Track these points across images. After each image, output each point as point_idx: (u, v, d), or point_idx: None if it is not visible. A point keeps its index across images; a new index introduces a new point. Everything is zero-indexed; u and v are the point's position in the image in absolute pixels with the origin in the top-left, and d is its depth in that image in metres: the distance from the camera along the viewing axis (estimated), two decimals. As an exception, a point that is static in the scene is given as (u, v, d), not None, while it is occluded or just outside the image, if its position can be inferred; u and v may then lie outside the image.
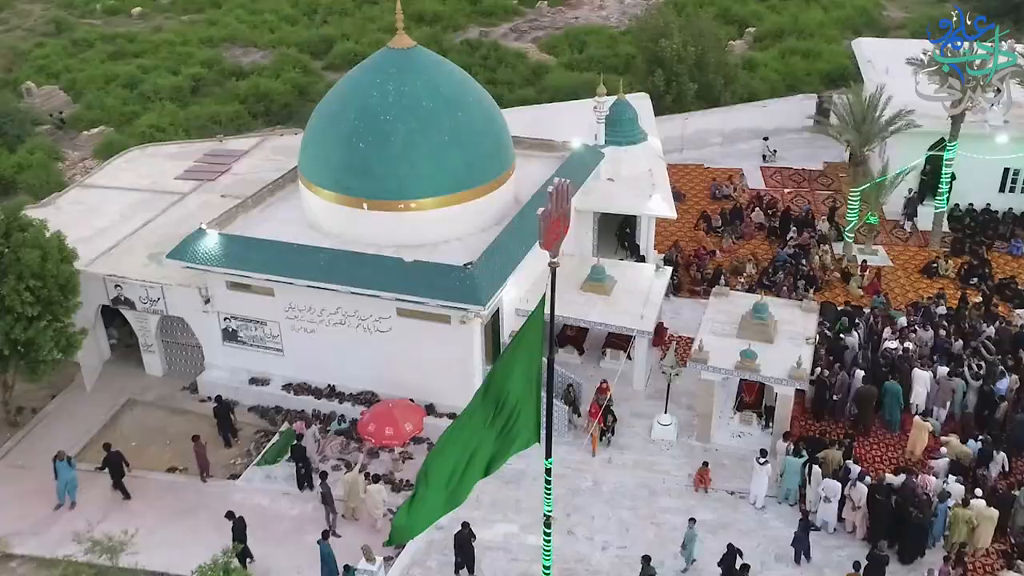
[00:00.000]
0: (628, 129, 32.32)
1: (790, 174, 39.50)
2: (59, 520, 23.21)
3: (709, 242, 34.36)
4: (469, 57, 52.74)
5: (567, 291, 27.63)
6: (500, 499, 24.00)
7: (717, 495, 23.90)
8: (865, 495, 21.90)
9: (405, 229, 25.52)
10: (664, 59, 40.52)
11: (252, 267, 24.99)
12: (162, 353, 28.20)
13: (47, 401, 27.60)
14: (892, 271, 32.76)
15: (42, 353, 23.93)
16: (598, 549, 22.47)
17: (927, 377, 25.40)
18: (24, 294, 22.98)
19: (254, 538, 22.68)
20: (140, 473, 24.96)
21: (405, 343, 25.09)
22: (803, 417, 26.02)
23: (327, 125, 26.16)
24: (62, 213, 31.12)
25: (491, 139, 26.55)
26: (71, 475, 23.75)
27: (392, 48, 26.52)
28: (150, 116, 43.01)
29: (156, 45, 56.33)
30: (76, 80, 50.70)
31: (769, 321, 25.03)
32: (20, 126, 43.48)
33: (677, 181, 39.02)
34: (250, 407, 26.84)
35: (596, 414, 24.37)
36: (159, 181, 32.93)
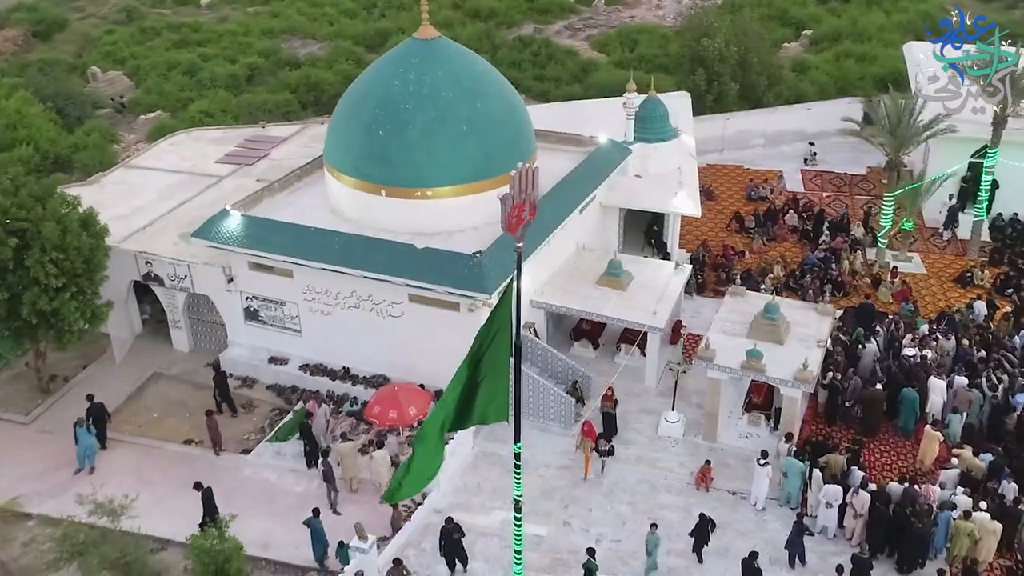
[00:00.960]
0: (658, 126, 32.26)
1: (831, 178, 38.89)
2: (77, 484, 24.13)
3: (739, 243, 34.05)
4: (520, 53, 53.08)
5: (583, 285, 27.82)
6: (501, 487, 24.20)
7: (718, 494, 23.76)
8: (868, 503, 21.54)
9: (422, 217, 25.91)
10: (706, 58, 40.22)
11: (271, 248, 25.68)
12: (189, 329, 29.11)
13: (79, 370, 28.72)
14: (925, 279, 32.06)
15: (67, 323, 24.89)
16: (592, 541, 22.46)
17: (943, 386, 24.87)
18: (48, 266, 23.95)
19: (258, 512, 23.44)
20: (157, 443, 25.92)
21: (416, 329, 25.49)
22: (815, 421, 25.71)
23: (350, 112, 26.73)
24: (104, 192, 32.41)
25: (511, 130, 26.78)
26: (90, 441, 24.75)
27: (416, 38, 26.89)
28: (202, 102, 44.25)
29: (219, 35, 57.82)
30: (140, 67, 52.37)
31: (780, 322, 24.78)
32: (81, 108, 45.19)
33: (714, 181, 38.82)
34: (268, 385, 27.58)
35: (590, 433, 23.73)
36: (199, 164, 33.99)
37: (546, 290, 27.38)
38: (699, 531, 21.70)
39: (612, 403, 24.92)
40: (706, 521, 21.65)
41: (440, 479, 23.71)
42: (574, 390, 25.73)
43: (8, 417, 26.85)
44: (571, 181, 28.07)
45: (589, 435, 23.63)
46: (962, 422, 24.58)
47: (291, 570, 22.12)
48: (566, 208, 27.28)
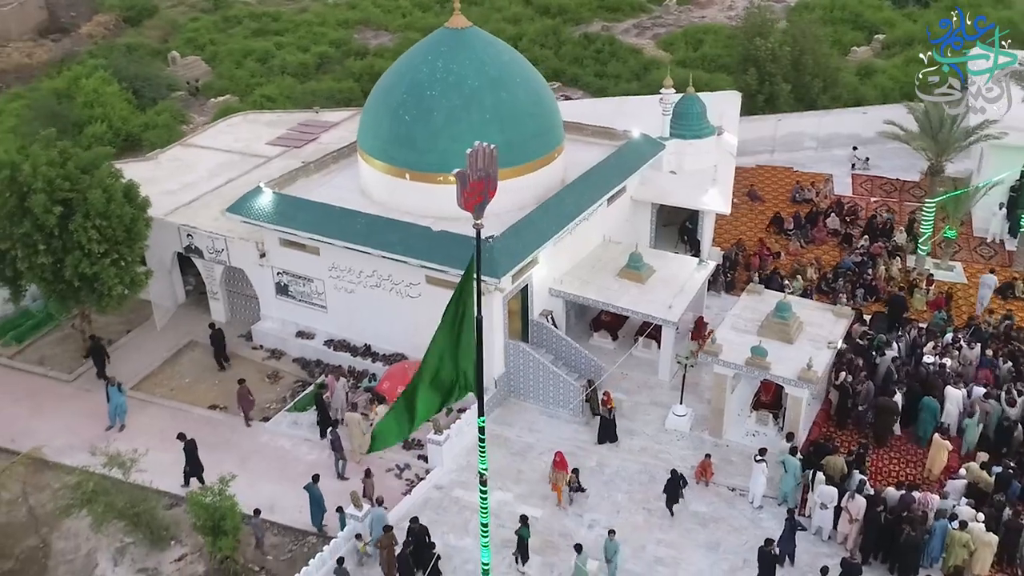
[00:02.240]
0: (695, 123, 32.23)
1: (881, 183, 38.15)
2: (106, 439, 25.48)
3: (774, 243, 33.76)
4: (583, 50, 53.36)
5: (604, 276, 28.10)
6: (503, 468, 24.73)
7: (717, 489, 23.81)
8: (863, 508, 21.35)
9: (444, 201, 26.08)
10: (758, 58, 39.89)
11: (297, 225, 26.71)
12: (226, 301, 30.44)
13: (122, 335, 30.33)
14: (964, 288, 31.29)
15: (107, 287, 26.35)
16: (584, 526, 22.86)
17: (959, 396, 24.39)
18: (91, 232, 25.42)
19: (269, 477, 24.47)
20: (185, 407, 27.24)
21: (433, 310, 25.62)
22: (826, 423, 25.48)
23: (381, 97, 27.59)
24: (160, 167, 34.09)
25: (536, 120, 27.23)
26: (121, 400, 26.19)
27: (448, 27, 27.54)
28: (267, 88, 45.89)
29: (296, 24, 59.67)
30: (217, 52, 54.52)
31: (791, 321, 24.66)
32: (156, 90, 47.37)
33: (761, 182, 38.52)
34: (294, 358, 28.67)
35: (562, 464, 23.01)
36: (251, 145, 35.38)
37: (565, 279, 27.76)
38: (670, 487, 22.44)
39: (610, 408, 24.83)
40: (677, 477, 22.37)
41: (444, 457, 24.51)
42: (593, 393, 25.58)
43: (53, 375, 28.56)
44: (596, 173, 28.34)
45: (560, 466, 23.01)
46: (978, 432, 24.10)
47: (292, 533, 23.07)
48: (588, 199, 27.56)
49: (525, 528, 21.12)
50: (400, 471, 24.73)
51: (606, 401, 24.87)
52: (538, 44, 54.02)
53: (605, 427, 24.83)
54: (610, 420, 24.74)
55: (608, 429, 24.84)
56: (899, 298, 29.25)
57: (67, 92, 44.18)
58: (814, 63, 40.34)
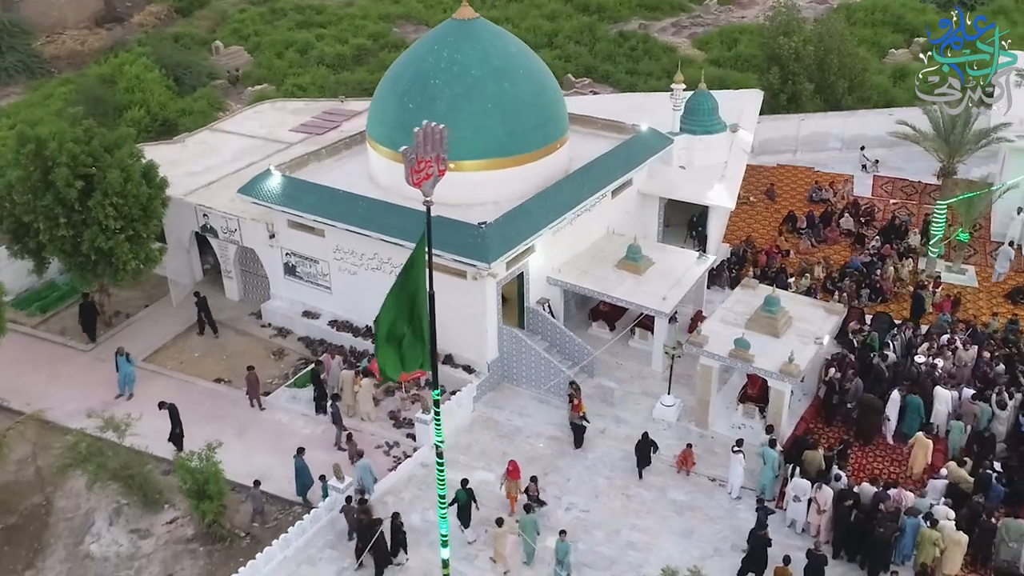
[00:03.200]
0: (706, 119, 32.43)
1: (902, 185, 37.81)
2: (114, 406, 26.57)
3: (785, 241, 33.73)
4: (617, 47, 53.57)
5: (602, 267, 28.47)
6: (490, 449, 25.31)
7: (697, 479, 24.06)
8: (831, 499, 21.47)
9: (445, 188, 26.83)
10: (781, 57, 39.76)
11: (302, 207, 27.56)
12: (239, 280, 31.47)
13: (140, 309, 31.53)
14: (974, 292, 30.96)
15: (122, 262, 27.49)
16: (562, 508, 23.30)
17: (948, 397, 24.27)
18: (108, 208, 26.56)
19: (264, 449, 25.33)
20: (192, 379, 28.28)
21: (429, 293, 26.77)
22: (815, 419, 25.53)
23: (388, 85, 28.33)
24: (186, 150, 35.33)
25: (538, 111, 27.68)
26: (130, 370, 27.31)
27: (455, 19, 28.14)
28: (300, 77, 47.04)
29: (339, 18, 60.86)
30: (260, 43, 55.95)
31: (779, 316, 24.77)
32: (197, 78, 48.85)
33: (780, 181, 38.45)
34: (300, 337, 29.57)
35: (515, 473, 22.81)
36: (274, 131, 36.43)
37: (564, 269, 28.18)
38: (641, 450, 22.99)
39: (581, 414, 24.64)
40: (648, 442, 22.89)
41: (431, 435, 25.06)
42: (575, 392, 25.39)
43: (72, 344, 29.83)
44: (598, 165, 28.69)
45: (513, 475, 22.75)
46: (965, 434, 23.96)
47: (280, 502, 23.87)
48: (588, 190, 27.93)
49: (462, 492, 21.73)
50: (389, 448, 25.42)
51: (577, 406, 24.59)
52: (573, 41, 54.45)
53: (577, 433, 24.65)
54: (581, 427, 24.55)
55: (579, 435, 24.64)
56: (919, 296, 29.09)
57: (111, 78, 45.83)
58: (839, 63, 40.02)
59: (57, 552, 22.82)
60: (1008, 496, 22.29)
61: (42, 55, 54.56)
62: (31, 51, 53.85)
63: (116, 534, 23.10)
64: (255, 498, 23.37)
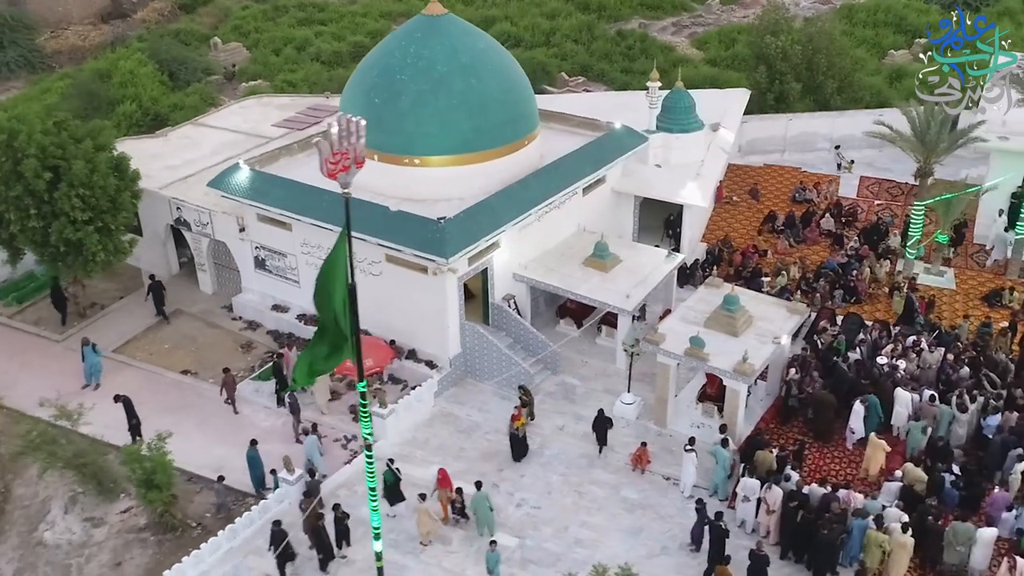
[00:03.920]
0: (682, 118, 32.23)
1: (889, 186, 37.39)
2: (80, 396, 26.75)
3: (763, 241, 33.47)
4: (615, 46, 53.37)
5: (569, 264, 28.37)
6: (447, 444, 25.30)
7: (652, 478, 23.92)
8: (779, 499, 21.28)
9: (410, 183, 27.24)
10: (769, 56, 39.44)
11: (269, 201, 27.68)
12: (213, 273, 31.64)
13: (115, 300, 31.78)
14: (951, 295, 30.56)
15: (91, 253, 27.70)
16: (513, 505, 23.23)
17: (908, 398, 23.96)
18: (74, 200, 26.78)
19: (223, 440, 25.43)
20: (159, 371, 28.48)
21: (393, 288, 26.83)
22: (775, 419, 25.31)
23: (356, 80, 28.40)
24: (168, 144, 35.59)
25: (506, 108, 27.63)
26: (96, 360, 27.54)
27: (424, 14, 28.13)
28: (290, 74, 47.24)
29: (341, 15, 61.06)
30: (259, 40, 56.24)
31: (738, 315, 24.56)
32: (192, 73, 49.17)
33: (765, 181, 38.12)
34: (268, 330, 29.68)
35: (444, 481, 22.42)
36: (257, 127, 36.60)
37: (530, 265, 28.10)
38: (598, 425, 23.66)
39: (521, 425, 24.10)
40: (604, 419, 23.30)
41: (388, 430, 25.14)
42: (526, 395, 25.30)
43: (45, 335, 30.16)
44: (567, 162, 28.58)
45: (443, 484, 22.38)
46: (926, 437, 23.65)
47: (235, 493, 23.95)
48: (555, 187, 27.83)
49: (389, 472, 21.90)
50: (347, 441, 25.46)
51: (516, 417, 24.08)
52: (571, 39, 54.31)
53: (516, 445, 24.11)
54: (521, 438, 24.12)
55: (520, 447, 24.15)
56: (910, 299, 28.75)
57: (107, 73, 46.27)
58: (828, 63, 39.64)
59: (11, 539, 23.06)
60: (963, 500, 22.00)
61: (44, 50, 55.14)
62: (32, 46, 54.45)
63: (70, 522, 23.31)
64: (219, 492, 23.48)
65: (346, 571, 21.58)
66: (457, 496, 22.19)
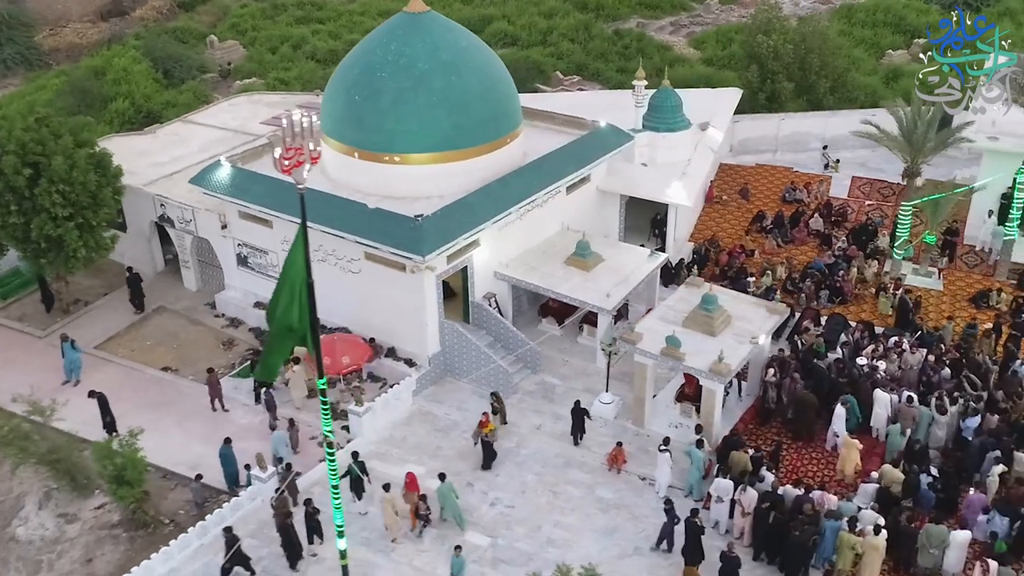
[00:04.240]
0: (669, 116, 32.05)
1: (881, 186, 37.11)
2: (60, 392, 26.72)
3: (751, 241, 33.26)
4: (611, 45, 53.20)
5: (551, 263, 28.24)
6: (424, 443, 25.19)
7: (628, 478, 23.76)
8: (754, 501, 21.10)
9: (390, 180, 27.11)
10: (760, 55, 39.21)
11: (248, 198, 27.62)
12: (197, 270, 31.60)
13: (99, 297, 31.77)
14: (938, 296, 30.30)
15: (71, 250, 27.69)
16: (487, 504, 23.11)
17: (887, 400, 23.74)
18: (54, 196, 26.77)
19: (200, 437, 25.33)
20: (140, 367, 28.48)
21: (372, 286, 26.76)
22: (755, 420, 25.13)
23: (338, 78, 28.29)
24: (156, 141, 35.59)
25: (487, 105, 27.47)
26: (75, 356, 27.52)
27: (407, 12, 28.02)
28: (283, 72, 47.24)
29: (339, 14, 61.06)
30: (256, 38, 56.28)
31: (716, 314, 24.36)
32: (186, 71, 49.20)
33: (756, 181, 37.87)
34: (250, 328, 29.63)
35: (412, 485, 22.08)
36: (245, 124, 36.56)
37: (512, 264, 27.98)
38: (575, 417, 23.87)
39: (489, 431, 23.76)
40: (580, 409, 23.89)
41: (364, 428, 25.06)
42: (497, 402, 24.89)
43: (28, 330, 30.19)
44: (549, 160, 28.42)
45: (411, 487, 22.00)
46: (905, 438, 23.42)
47: (210, 490, 23.87)
48: (537, 185, 27.68)
49: (354, 465, 21.99)
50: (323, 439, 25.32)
51: (484, 423, 23.72)
52: (568, 38, 54.14)
53: (486, 451, 23.76)
54: (489, 443, 23.73)
55: (489, 453, 23.78)
56: (905, 300, 28.52)
57: (101, 70, 46.31)
58: (821, 63, 39.37)
59: (-17, 534, 23.05)
60: (940, 502, 21.78)
61: (41, 47, 55.29)
62: (30, 43, 54.62)
63: (44, 518, 23.27)
64: (196, 491, 23.41)
65: (316, 569, 21.49)
66: (422, 503, 21.92)
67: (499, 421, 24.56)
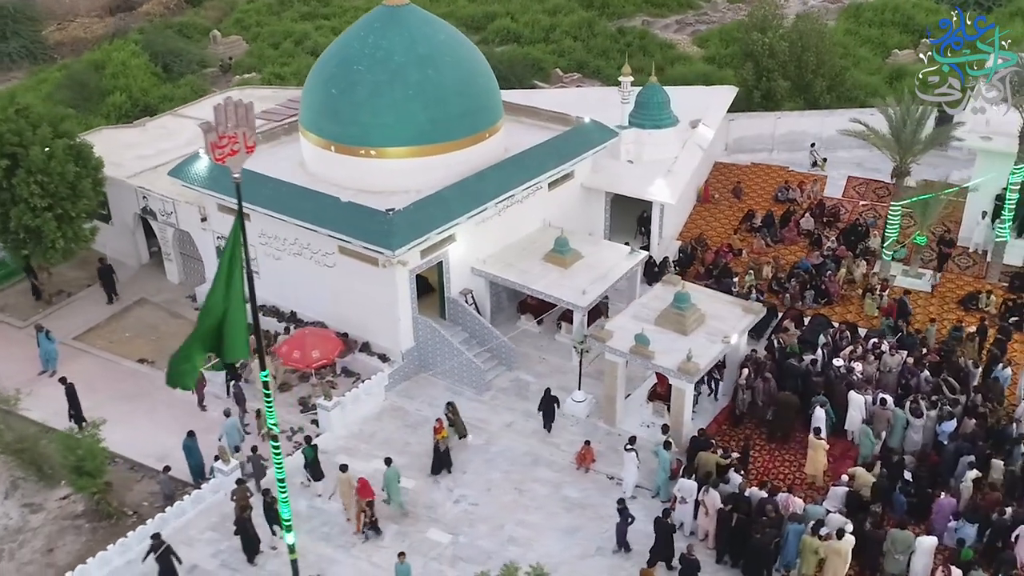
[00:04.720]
0: (655, 113, 31.69)
1: (876, 187, 36.54)
2: (37, 383, 26.78)
3: (739, 240, 32.82)
4: (614, 43, 52.79)
5: (529, 260, 27.96)
6: (392, 439, 24.97)
7: (596, 477, 23.43)
8: (718, 502, 20.72)
9: (366, 174, 26.92)
10: (755, 53, 38.70)
11: (224, 191, 27.43)
12: (179, 263, 31.57)
13: (82, 289, 31.80)
14: (927, 297, 29.73)
15: (50, 240, 27.71)
16: (451, 501, 22.87)
17: (862, 402, 23.28)
18: (32, 186, 26.80)
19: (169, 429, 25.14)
20: (117, 359, 28.44)
21: (346, 280, 26.58)
22: (728, 420, 24.74)
23: (316, 70, 28.16)
24: (145, 134, 35.64)
25: (465, 100, 27.20)
26: (51, 347, 27.51)
27: (385, 5, 27.80)
28: (280, 67, 47.21)
29: (344, 9, 60.96)
30: (259, 33, 56.33)
31: (688, 313, 23.98)
32: (186, 65, 49.29)
33: (750, 180, 37.41)
34: (229, 321, 29.48)
35: (364, 490, 21.44)
36: (235, 117, 36.41)
37: (489, 260, 27.71)
38: (545, 405, 24.11)
39: (441, 437, 23.19)
40: (551, 397, 24.00)
41: (333, 423, 24.89)
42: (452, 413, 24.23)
43: (8, 321, 30.24)
44: (529, 156, 28.13)
45: (362, 492, 21.46)
46: (879, 442, 22.96)
47: (175, 482, 23.78)
48: (515, 180, 27.40)
49: (309, 448, 22.16)
50: (293, 433, 25.21)
51: (438, 429, 23.22)
52: (571, 36, 53.80)
53: (439, 458, 23.26)
54: (444, 450, 23.26)
55: (443, 459, 23.31)
56: (903, 301, 28.05)
57: (100, 64, 46.49)
58: (817, 61, 38.80)
59: (-53, 523, 23.04)
60: (912, 507, 21.32)
61: (46, 41, 55.60)
62: (35, 37, 54.94)
63: (9, 507, 23.23)
64: (165, 483, 23.31)
65: (275, 563, 21.30)
66: (368, 509, 21.54)
67: (454, 432, 23.99)
